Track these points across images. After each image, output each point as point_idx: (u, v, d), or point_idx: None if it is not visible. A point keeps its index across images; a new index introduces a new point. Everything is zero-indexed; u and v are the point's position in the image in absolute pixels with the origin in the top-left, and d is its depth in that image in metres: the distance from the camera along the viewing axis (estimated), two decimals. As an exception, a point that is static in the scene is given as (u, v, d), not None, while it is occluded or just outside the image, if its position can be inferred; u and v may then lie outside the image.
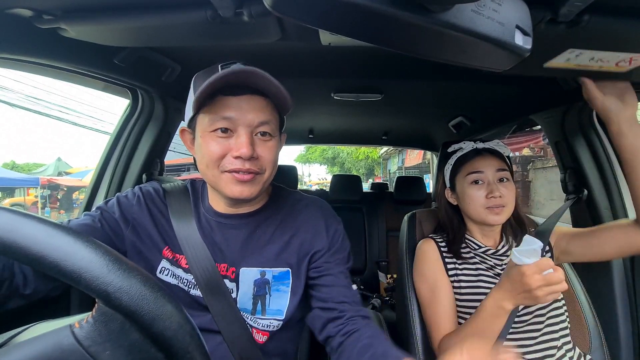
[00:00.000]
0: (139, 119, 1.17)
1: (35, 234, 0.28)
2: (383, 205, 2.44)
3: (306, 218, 0.72)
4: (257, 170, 0.62)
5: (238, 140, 0.61)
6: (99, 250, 0.29)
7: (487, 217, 0.85)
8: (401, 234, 1.06)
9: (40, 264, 0.27)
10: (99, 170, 1.16)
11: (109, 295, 0.27)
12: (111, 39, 0.71)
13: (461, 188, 0.89)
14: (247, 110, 0.62)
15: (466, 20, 0.37)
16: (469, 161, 0.89)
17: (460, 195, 0.90)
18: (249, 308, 0.67)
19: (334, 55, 0.95)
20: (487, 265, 0.88)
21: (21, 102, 8.74)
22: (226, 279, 0.66)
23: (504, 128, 1.70)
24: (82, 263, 0.27)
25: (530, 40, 0.41)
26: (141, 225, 0.68)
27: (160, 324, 0.28)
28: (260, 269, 0.67)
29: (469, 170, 0.88)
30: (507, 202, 0.84)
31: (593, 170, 1.12)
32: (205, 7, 0.58)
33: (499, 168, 0.87)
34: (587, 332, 0.91)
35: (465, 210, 0.91)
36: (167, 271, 0.67)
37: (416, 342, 0.90)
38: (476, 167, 0.87)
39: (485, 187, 0.85)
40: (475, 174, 0.87)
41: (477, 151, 0.90)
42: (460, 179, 0.90)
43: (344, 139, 2.57)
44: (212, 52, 0.96)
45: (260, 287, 0.67)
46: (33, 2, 0.59)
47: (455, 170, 0.92)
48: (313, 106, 1.61)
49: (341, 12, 0.36)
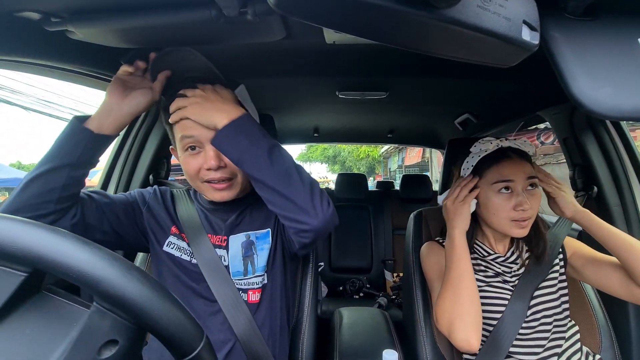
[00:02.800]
0: (146, 120, 1.18)
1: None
2: (389, 203, 2.43)
3: None
4: (229, 177, 0.73)
5: (207, 155, 0.71)
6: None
7: (511, 229, 0.78)
8: (407, 232, 1.06)
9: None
10: (107, 170, 1.18)
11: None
12: (117, 40, 0.72)
13: (485, 195, 0.81)
14: (205, 126, 0.68)
15: (472, 16, 0.36)
16: (495, 165, 0.80)
17: (483, 202, 0.81)
18: (240, 270, 0.76)
19: (338, 54, 0.94)
20: (494, 272, 0.85)
21: (34, 106, 9.02)
22: (219, 247, 0.78)
23: (511, 125, 1.68)
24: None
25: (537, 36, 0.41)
26: (154, 208, 0.81)
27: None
28: (245, 233, 0.79)
29: (497, 178, 0.79)
30: (533, 213, 0.78)
31: (603, 167, 1.11)
32: (209, 6, 0.58)
33: (530, 175, 0.78)
34: (597, 332, 0.90)
35: (485, 218, 0.83)
36: (173, 245, 0.79)
37: (423, 341, 0.89)
38: (506, 175, 0.78)
39: (514, 198, 0.77)
40: (505, 183, 0.78)
41: (503, 152, 0.80)
42: (485, 185, 0.81)
43: (349, 137, 2.57)
44: (217, 52, 0.96)
45: (247, 248, 0.78)
46: (41, 5, 0.60)
47: (479, 172, 0.82)
48: (318, 105, 1.61)
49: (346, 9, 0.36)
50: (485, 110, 1.57)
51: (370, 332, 0.97)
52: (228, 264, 0.76)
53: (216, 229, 0.80)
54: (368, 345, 0.89)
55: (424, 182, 2.42)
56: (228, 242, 0.78)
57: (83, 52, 0.78)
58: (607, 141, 1.09)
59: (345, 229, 2.31)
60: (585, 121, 1.11)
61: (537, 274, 0.82)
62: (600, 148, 1.11)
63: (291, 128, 2.16)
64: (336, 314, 1.10)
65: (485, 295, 0.82)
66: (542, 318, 0.80)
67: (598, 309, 0.91)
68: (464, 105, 1.58)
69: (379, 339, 0.91)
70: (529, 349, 0.78)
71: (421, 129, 2.17)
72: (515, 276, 0.84)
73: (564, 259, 0.87)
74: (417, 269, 0.95)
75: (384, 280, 2.23)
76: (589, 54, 0.40)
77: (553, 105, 1.18)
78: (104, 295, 0.28)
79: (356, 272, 2.21)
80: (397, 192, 2.50)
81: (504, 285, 0.83)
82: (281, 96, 1.44)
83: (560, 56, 0.40)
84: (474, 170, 0.84)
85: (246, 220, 0.81)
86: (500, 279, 0.84)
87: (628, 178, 1.06)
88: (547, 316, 0.80)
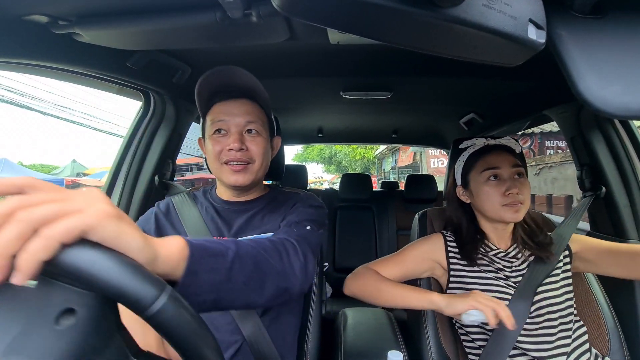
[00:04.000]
0: (151, 121, 1.19)
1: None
2: (393, 204, 2.42)
3: (293, 203, 0.85)
4: (247, 160, 0.77)
5: (230, 138, 0.76)
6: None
7: (505, 214, 0.82)
8: (412, 232, 1.05)
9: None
10: (114, 171, 1.19)
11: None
12: (124, 43, 0.73)
13: (476, 185, 0.87)
14: (236, 114, 0.77)
15: (477, 15, 0.36)
16: (483, 157, 0.87)
17: (475, 192, 0.87)
18: None
19: (342, 54, 0.94)
20: (496, 267, 0.86)
21: (51, 110, 9.41)
22: None
23: (516, 124, 1.67)
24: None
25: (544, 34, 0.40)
26: (163, 227, 0.84)
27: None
28: (253, 236, 0.78)
29: (484, 167, 0.85)
30: (524, 198, 0.82)
31: (611, 166, 1.09)
32: (214, 9, 0.58)
33: (515, 164, 0.84)
34: (605, 334, 0.89)
35: (480, 208, 0.88)
36: None
37: (428, 342, 0.89)
38: (492, 163, 0.85)
39: (502, 184, 0.83)
40: (492, 170, 0.84)
41: (490, 147, 0.88)
42: (475, 175, 0.87)
43: (353, 137, 2.56)
44: (222, 54, 0.96)
45: None
46: (49, 9, 0.61)
47: (469, 166, 0.90)
48: (322, 105, 1.61)
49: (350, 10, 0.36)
50: (490, 109, 1.56)
51: (375, 333, 0.97)
52: None
53: (223, 230, 0.80)
54: (373, 345, 0.89)
55: (428, 182, 2.41)
56: None
57: (90, 54, 0.78)
58: (615, 140, 1.07)
59: (350, 230, 2.30)
60: (593, 120, 1.10)
61: (541, 272, 0.83)
62: (608, 147, 1.09)
63: (295, 129, 2.16)
64: (341, 314, 1.10)
65: (487, 290, 0.83)
66: (547, 314, 0.80)
67: (607, 311, 0.90)
68: (469, 104, 1.57)
69: (383, 340, 0.91)
70: (537, 345, 0.78)
71: (426, 128, 2.16)
72: (516, 272, 0.85)
73: (569, 255, 0.88)
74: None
75: (389, 280, 2.22)
76: (597, 53, 0.40)
77: (559, 104, 1.17)
78: (46, 264, 0.27)
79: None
80: (402, 192, 2.49)
81: (507, 282, 0.84)
82: (285, 97, 1.44)
83: (567, 55, 0.40)
84: (465, 169, 0.91)
85: (255, 224, 0.81)
86: (502, 275, 0.85)
87: (637, 178, 1.05)
88: (551, 312, 0.80)
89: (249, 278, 0.48)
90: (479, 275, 0.85)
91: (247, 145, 0.77)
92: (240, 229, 0.80)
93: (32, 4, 0.59)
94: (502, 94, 1.33)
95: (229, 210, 0.84)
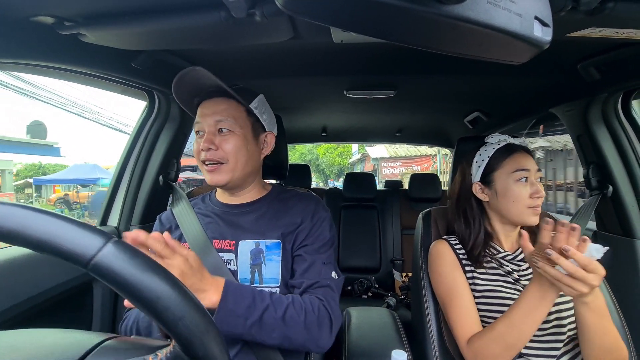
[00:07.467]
0: (156, 121, 1.20)
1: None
2: (397, 203, 2.41)
3: (297, 205, 0.84)
4: (218, 160, 0.77)
5: (203, 138, 0.77)
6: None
7: (529, 217, 0.82)
8: (416, 232, 1.05)
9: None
10: (119, 170, 1.20)
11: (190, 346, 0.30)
12: (129, 43, 0.73)
13: (504, 184, 0.84)
14: (207, 115, 0.78)
15: (482, 13, 0.36)
16: (512, 156, 0.85)
17: (502, 191, 0.84)
18: (247, 277, 0.76)
19: (346, 53, 0.94)
20: (505, 270, 0.84)
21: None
22: (226, 251, 0.78)
23: (522, 123, 1.65)
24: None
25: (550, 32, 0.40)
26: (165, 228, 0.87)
27: None
28: (255, 241, 0.78)
29: (516, 167, 0.84)
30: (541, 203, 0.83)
31: (618, 165, 1.08)
32: (218, 8, 0.59)
33: (539, 168, 0.84)
34: None
35: (502, 208, 0.85)
36: None
37: (432, 341, 0.88)
38: (523, 164, 0.84)
39: (531, 186, 0.82)
40: (524, 172, 0.83)
41: (514, 147, 0.87)
42: (503, 174, 0.85)
43: (358, 136, 2.56)
44: (226, 53, 0.97)
45: (256, 256, 0.77)
46: (55, 10, 0.62)
47: (495, 164, 0.87)
48: (326, 104, 1.60)
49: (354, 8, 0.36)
50: (496, 108, 1.54)
51: (379, 332, 0.96)
52: (237, 269, 0.76)
53: (224, 233, 0.80)
54: (376, 345, 0.89)
55: (433, 181, 2.40)
56: (237, 246, 0.78)
57: (95, 54, 0.79)
58: (622, 137, 1.06)
59: (354, 229, 2.30)
60: (600, 118, 1.08)
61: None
62: (615, 145, 1.08)
63: (299, 128, 2.16)
64: (345, 313, 1.10)
65: (496, 295, 0.81)
66: (555, 320, 0.78)
67: (617, 321, 0.88)
68: (474, 103, 1.56)
69: (387, 339, 0.91)
70: (544, 351, 0.77)
71: (430, 127, 2.15)
72: (524, 275, 0.84)
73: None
74: (426, 269, 0.94)
75: (393, 280, 2.21)
76: None
77: (566, 102, 1.16)
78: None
79: (364, 271, 2.20)
80: (406, 191, 2.48)
81: (515, 286, 0.82)
82: (289, 96, 1.44)
83: None
84: (489, 166, 0.88)
85: (258, 227, 0.80)
86: (510, 279, 0.83)
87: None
88: (560, 318, 0.78)
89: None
90: (488, 278, 0.84)
91: (218, 144, 0.77)
92: (241, 233, 0.79)
93: (39, 5, 0.60)
94: (508, 92, 1.32)
95: (229, 213, 0.83)
